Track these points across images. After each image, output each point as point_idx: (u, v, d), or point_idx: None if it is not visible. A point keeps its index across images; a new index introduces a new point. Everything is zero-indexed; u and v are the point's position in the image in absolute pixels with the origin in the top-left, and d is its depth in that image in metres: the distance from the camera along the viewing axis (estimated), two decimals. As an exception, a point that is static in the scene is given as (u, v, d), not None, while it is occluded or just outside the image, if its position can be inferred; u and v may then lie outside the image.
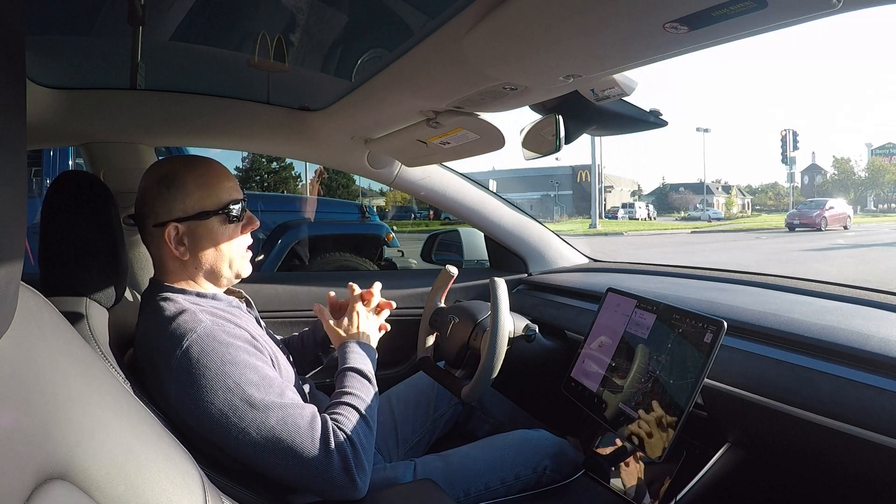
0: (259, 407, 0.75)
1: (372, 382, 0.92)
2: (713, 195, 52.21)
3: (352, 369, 0.91)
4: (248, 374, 0.77)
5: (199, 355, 0.76)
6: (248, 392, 0.76)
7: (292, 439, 0.76)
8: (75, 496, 0.42)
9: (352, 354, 0.95)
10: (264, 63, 1.14)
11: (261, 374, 0.78)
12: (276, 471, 0.78)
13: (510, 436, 1.14)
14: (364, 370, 0.92)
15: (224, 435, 0.75)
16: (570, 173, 45.35)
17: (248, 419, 0.75)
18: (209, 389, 0.75)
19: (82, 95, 1.19)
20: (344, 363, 0.93)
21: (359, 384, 0.89)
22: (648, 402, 0.91)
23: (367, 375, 0.92)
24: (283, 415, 0.76)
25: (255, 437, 0.75)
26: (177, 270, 0.89)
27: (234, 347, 0.79)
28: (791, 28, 0.53)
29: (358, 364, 0.92)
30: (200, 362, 0.76)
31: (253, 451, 0.76)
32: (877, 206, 53.61)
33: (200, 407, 0.75)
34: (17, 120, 0.33)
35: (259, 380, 0.77)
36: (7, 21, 0.31)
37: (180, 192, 0.86)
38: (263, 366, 0.81)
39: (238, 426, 0.75)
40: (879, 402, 0.69)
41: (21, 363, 0.41)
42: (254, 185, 10.73)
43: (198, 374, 0.75)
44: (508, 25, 0.62)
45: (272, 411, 0.76)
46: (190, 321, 0.79)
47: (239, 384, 0.76)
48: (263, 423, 0.75)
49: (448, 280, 1.27)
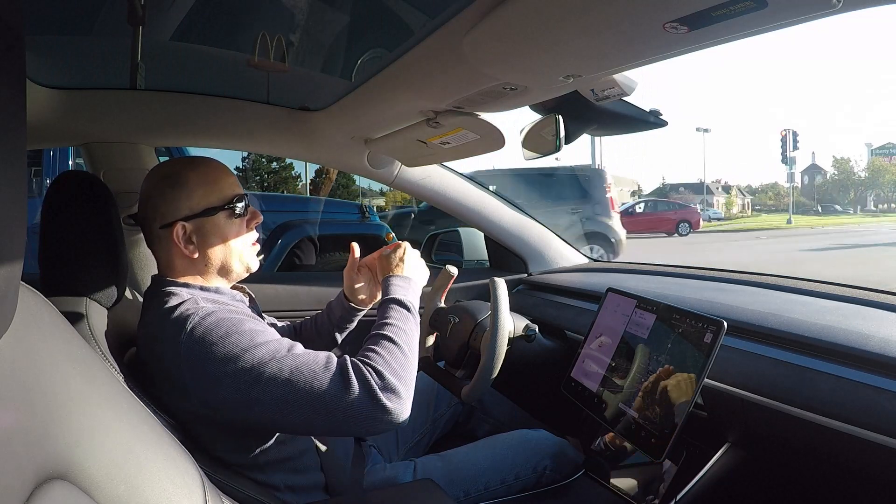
0: (271, 364, 0.76)
1: (412, 311, 0.91)
2: (713, 195, 52.15)
3: (393, 300, 0.91)
4: (256, 337, 0.77)
5: (203, 333, 0.77)
6: (258, 353, 0.76)
7: (310, 384, 0.75)
8: (75, 496, 0.42)
9: (395, 287, 0.94)
10: (264, 63, 1.14)
11: (267, 336, 0.79)
12: (306, 422, 0.77)
13: (510, 436, 1.14)
14: (404, 300, 0.91)
15: (245, 402, 0.75)
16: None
17: (264, 379, 0.75)
18: (221, 362, 0.75)
19: (82, 95, 1.19)
20: (388, 293, 0.93)
21: (399, 315, 0.89)
22: (648, 402, 0.91)
23: (407, 305, 0.91)
24: (296, 364, 0.76)
25: (276, 394, 0.75)
26: (185, 268, 0.88)
27: (235, 320, 0.79)
28: (791, 28, 0.53)
29: (402, 295, 0.92)
30: (206, 339, 0.76)
31: (277, 409, 0.75)
32: (877, 206, 53.64)
33: (216, 381, 0.75)
34: (17, 120, 0.33)
35: (266, 340, 0.78)
36: (7, 21, 0.31)
37: (184, 191, 0.86)
38: (268, 330, 0.81)
39: (256, 388, 0.75)
40: (879, 402, 0.69)
41: (21, 363, 0.41)
42: (254, 185, 10.73)
43: (206, 350, 0.76)
44: (508, 25, 0.62)
45: (285, 364, 0.76)
46: (191, 307, 0.80)
47: (247, 349, 0.76)
48: (279, 377, 0.75)
49: (448, 280, 1.27)
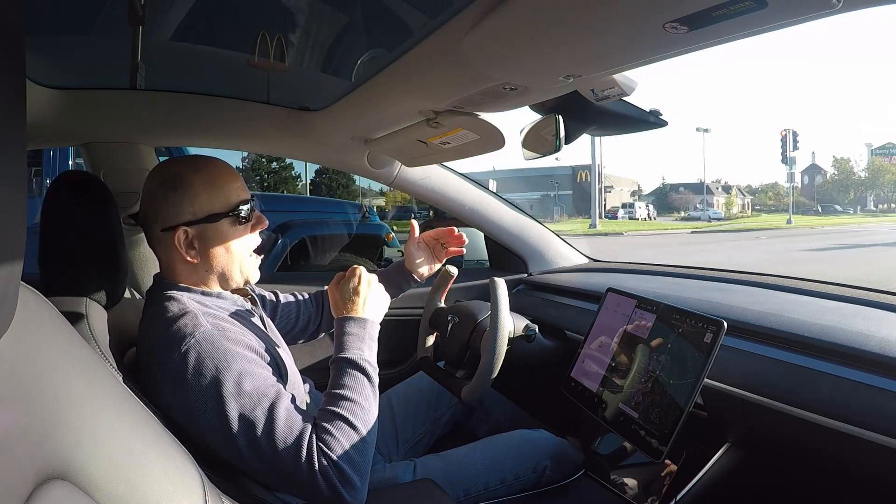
0: (248, 420, 0.74)
1: (369, 375, 0.82)
2: (713, 195, 52.21)
3: (350, 363, 0.82)
4: (244, 383, 0.75)
5: (195, 361, 0.75)
6: (241, 402, 0.74)
7: (278, 456, 0.74)
8: (75, 496, 0.42)
9: (353, 339, 0.85)
10: (264, 63, 1.14)
11: (256, 383, 0.76)
12: (265, 480, 0.78)
13: (510, 436, 1.14)
14: (364, 365, 0.83)
15: (216, 441, 0.75)
16: (570, 173, 45.34)
17: (238, 430, 0.73)
18: (203, 397, 0.74)
19: (82, 95, 1.19)
20: (342, 349, 0.84)
21: (356, 384, 0.81)
22: (648, 402, 0.91)
23: (363, 367, 0.82)
24: (270, 429, 0.74)
25: (243, 448, 0.74)
26: (186, 272, 0.87)
27: (232, 355, 0.76)
28: (791, 28, 0.53)
29: (356, 355, 0.83)
30: (196, 369, 0.74)
31: (240, 459, 0.75)
32: (877, 206, 53.65)
33: (193, 412, 0.74)
34: (17, 120, 0.33)
35: (252, 389, 0.75)
36: (7, 21, 0.31)
37: (188, 195, 0.84)
38: (262, 372, 0.78)
39: (227, 436, 0.74)
40: (879, 402, 0.69)
41: (21, 363, 0.41)
42: (254, 184, 10.72)
43: (192, 380, 0.74)
44: (508, 25, 0.62)
45: (260, 425, 0.74)
46: (191, 324, 0.78)
47: (232, 394, 0.74)
48: (252, 435, 0.74)
49: (448, 280, 1.27)
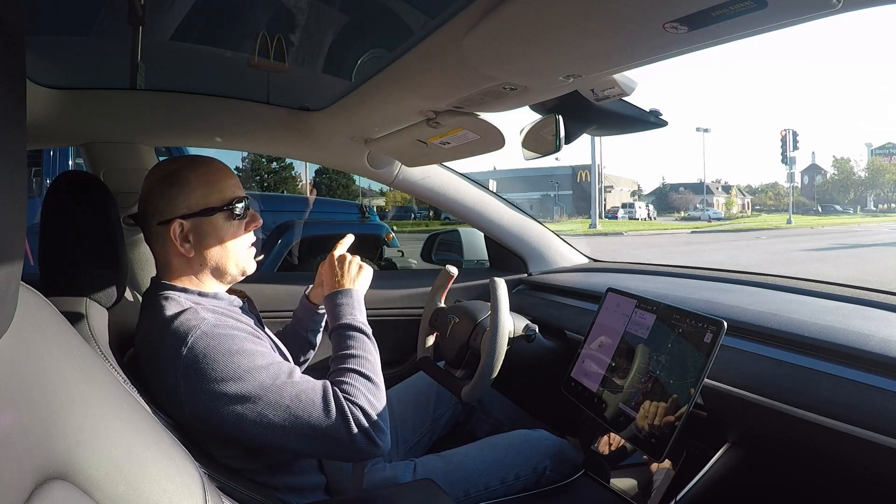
0: (272, 389, 0.76)
1: (369, 337, 0.91)
2: (713, 195, 52.24)
3: (348, 326, 0.91)
4: (257, 359, 0.78)
5: (204, 350, 0.77)
6: (259, 377, 0.77)
7: (309, 415, 0.77)
8: (75, 496, 0.42)
9: (344, 308, 0.93)
10: (264, 63, 1.14)
11: (268, 358, 0.80)
12: (298, 448, 0.79)
13: (510, 436, 1.14)
14: (359, 325, 0.91)
15: (241, 423, 0.76)
16: (570, 173, 45.35)
17: (262, 402, 0.76)
18: (221, 381, 0.76)
19: (82, 95, 1.19)
20: (338, 318, 0.92)
21: (357, 343, 0.88)
22: (648, 402, 0.91)
23: (364, 330, 0.91)
24: (296, 392, 0.77)
25: (273, 419, 0.76)
26: (181, 268, 0.88)
27: (239, 338, 0.79)
28: (791, 28, 0.53)
29: (350, 319, 0.91)
30: (207, 356, 0.76)
31: (273, 433, 0.76)
32: (877, 206, 53.66)
33: (214, 399, 0.76)
34: (17, 120, 0.33)
35: (268, 364, 0.79)
36: (7, 21, 0.31)
37: (184, 190, 0.86)
38: (271, 352, 0.82)
39: (254, 411, 0.76)
40: (879, 402, 0.69)
41: (21, 363, 0.41)
42: (254, 185, 10.72)
43: (206, 368, 0.76)
44: (508, 26, 0.62)
45: (285, 391, 0.77)
46: (192, 319, 0.80)
47: (249, 371, 0.76)
48: (279, 403, 0.76)
49: (448, 280, 1.27)
